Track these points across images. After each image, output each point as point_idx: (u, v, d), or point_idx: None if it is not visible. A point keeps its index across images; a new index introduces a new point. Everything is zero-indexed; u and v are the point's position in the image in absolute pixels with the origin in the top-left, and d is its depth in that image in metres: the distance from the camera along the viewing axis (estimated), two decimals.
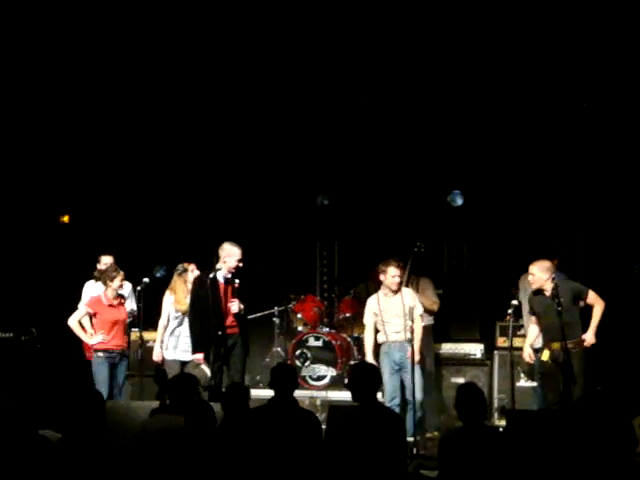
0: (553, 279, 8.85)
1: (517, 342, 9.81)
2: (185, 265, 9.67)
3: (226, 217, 11.96)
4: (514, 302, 9.54)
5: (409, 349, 9.16)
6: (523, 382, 9.97)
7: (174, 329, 9.64)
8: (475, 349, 10.73)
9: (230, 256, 9.09)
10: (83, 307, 9.63)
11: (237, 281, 9.08)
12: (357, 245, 12.31)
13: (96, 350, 9.45)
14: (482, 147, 11.50)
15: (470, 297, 11.20)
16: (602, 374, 9.36)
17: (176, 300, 9.60)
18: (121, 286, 9.58)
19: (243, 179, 12.12)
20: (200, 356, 9.13)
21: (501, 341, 10.53)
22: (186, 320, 9.49)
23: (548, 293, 8.89)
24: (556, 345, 8.80)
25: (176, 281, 9.70)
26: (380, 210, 12.04)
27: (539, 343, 9.28)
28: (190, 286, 9.46)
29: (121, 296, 9.68)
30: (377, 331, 9.52)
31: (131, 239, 12.01)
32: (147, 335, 10.15)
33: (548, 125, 11.01)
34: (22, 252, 11.69)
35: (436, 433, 9.71)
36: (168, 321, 9.68)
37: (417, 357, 9.20)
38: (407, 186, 11.90)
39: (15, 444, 5.66)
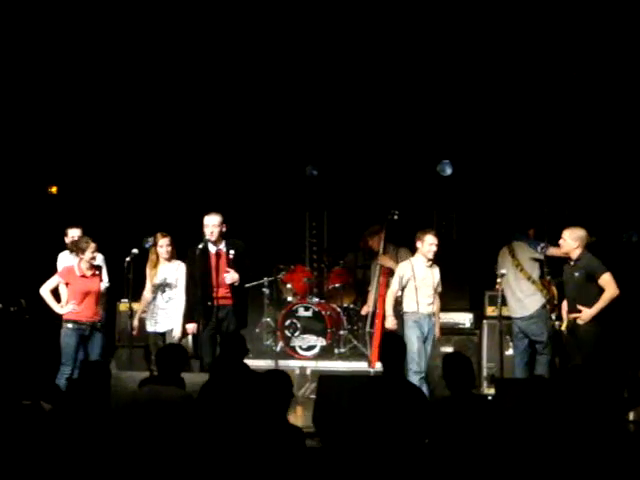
0: (584, 250, 8.91)
1: (506, 311, 9.85)
2: (158, 237, 9.57)
3: (215, 188, 11.93)
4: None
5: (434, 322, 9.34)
6: (512, 351, 10.01)
7: (150, 302, 9.59)
8: (464, 318, 10.78)
9: (204, 227, 9.11)
10: (55, 276, 9.49)
11: (232, 252, 9.06)
12: (346, 215, 12.32)
13: (66, 320, 9.28)
14: (471, 117, 11.48)
15: (459, 267, 11.23)
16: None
17: (147, 274, 9.60)
18: (93, 258, 9.37)
19: (232, 150, 12.09)
20: (191, 326, 9.16)
21: (490, 310, 10.58)
22: (159, 294, 9.49)
23: (572, 263, 8.93)
24: (570, 316, 8.87)
25: (150, 254, 9.67)
26: (369, 180, 12.05)
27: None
28: (162, 258, 9.53)
29: (96, 267, 9.53)
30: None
31: (121, 210, 11.99)
32: (136, 306, 10.14)
33: (537, 94, 10.99)
34: (11, 223, 11.65)
35: None
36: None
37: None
38: (396, 156, 11.89)
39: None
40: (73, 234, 9.78)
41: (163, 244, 9.51)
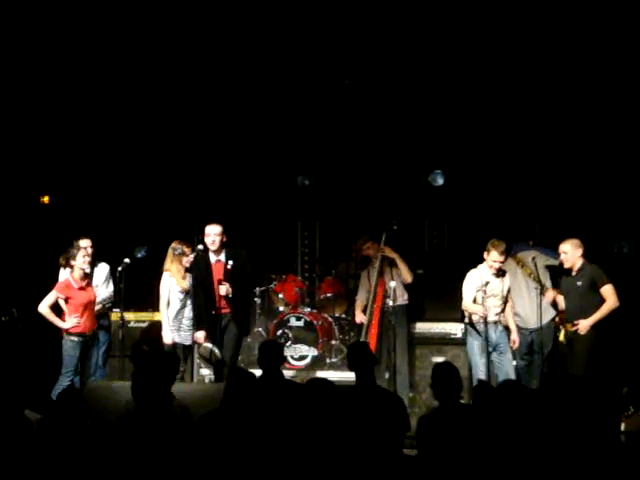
0: (585, 260, 8.98)
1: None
2: (185, 249, 9.41)
3: (207, 198, 11.94)
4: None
5: (506, 331, 9.21)
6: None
7: (177, 312, 9.35)
8: (455, 328, 10.72)
9: (206, 236, 9.12)
10: (53, 292, 9.34)
11: (230, 263, 9.06)
12: (338, 225, 12.34)
13: (69, 333, 9.20)
14: (463, 127, 11.51)
15: (451, 276, 11.22)
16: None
17: (177, 281, 9.38)
18: (85, 262, 9.27)
19: (224, 159, 12.10)
20: (201, 334, 9.16)
21: None
22: (189, 302, 9.37)
23: (574, 273, 8.94)
24: (569, 326, 8.88)
25: (173, 262, 9.40)
26: (361, 190, 12.06)
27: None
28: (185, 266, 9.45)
29: (87, 275, 9.44)
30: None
31: (112, 220, 11.97)
32: (128, 315, 10.13)
33: (528, 105, 11.03)
34: (2, 233, 11.63)
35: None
36: (169, 303, 9.40)
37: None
38: (388, 166, 11.91)
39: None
40: (85, 245, 9.66)
41: (190, 254, 9.46)
